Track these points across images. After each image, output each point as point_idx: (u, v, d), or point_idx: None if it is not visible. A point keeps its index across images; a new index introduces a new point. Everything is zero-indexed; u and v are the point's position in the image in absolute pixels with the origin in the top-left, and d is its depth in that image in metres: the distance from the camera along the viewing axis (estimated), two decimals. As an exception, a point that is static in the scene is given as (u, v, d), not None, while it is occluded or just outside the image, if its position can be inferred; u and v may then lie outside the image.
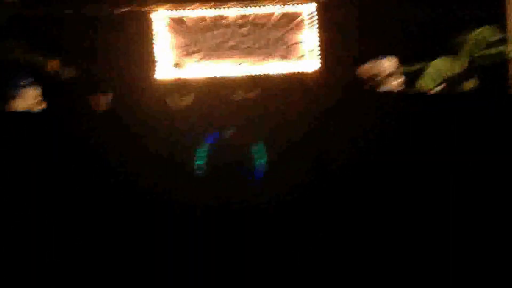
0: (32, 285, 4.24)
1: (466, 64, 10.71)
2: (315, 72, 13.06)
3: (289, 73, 13.13)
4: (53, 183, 4.48)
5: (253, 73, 13.12)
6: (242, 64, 13.21)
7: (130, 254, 4.39)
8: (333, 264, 4.25)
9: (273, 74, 13.08)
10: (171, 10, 13.17)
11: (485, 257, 4.00)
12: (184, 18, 13.23)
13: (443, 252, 4.06)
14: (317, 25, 13.12)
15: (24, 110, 9.96)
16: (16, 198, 4.39)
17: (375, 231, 4.28)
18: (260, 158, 4.76)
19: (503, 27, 10.59)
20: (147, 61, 13.07)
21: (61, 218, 4.40)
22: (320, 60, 13.10)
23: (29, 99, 10.25)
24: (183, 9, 13.20)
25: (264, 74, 13.08)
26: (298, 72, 13.14)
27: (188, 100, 11.80)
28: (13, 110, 9.80)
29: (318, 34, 13.13)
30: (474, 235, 4.03)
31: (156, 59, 13.14)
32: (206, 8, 13.19)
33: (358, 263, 4.23)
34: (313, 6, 13.11)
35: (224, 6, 13.17)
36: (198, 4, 13.14)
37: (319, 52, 13.12)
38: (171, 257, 4.36)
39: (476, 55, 10.62)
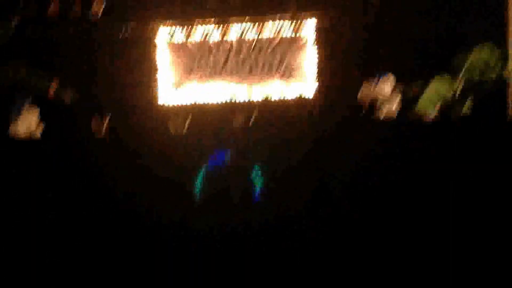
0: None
1: (464, 86, 10.70)
2: (314, 96, 13.08)
3: (289, 96, 13.15)
4: (53, 206, 4.49)
5: (253, 96, 13.14)
6: (242, 86, 13.23)
7: (129, 277, 4.40)
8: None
9: (273, 97, 13.09)
10: (173, 33, 13.22)
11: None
12: (185, 41, 13.28)
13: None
14: (317, 49, 13.17)
15: (25, 133, 10.04)
16: (16, 219, 4.41)
17: (371, 254, 4.28)
18: (258, 182, 4.78)
19: (503, 48, 10.57)
20: (149, 85, 13.09)
21: (61, 240, 4.42)
22: (319, 83, 13.12)
23: (29, 122, 10.30)
24: (185, 33, 13.25)
25: (264, 97, 13.09)
26: (298, 95, 13.16)
27: (188, 124, 11.85)
28: (14, 132, 9.88)
29: (317, 58, 13.17)
30: (468, 263, 4.04)
31: (157, 83, 13.17)
32: (207, 31, 13.25)
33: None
34: (313, 31, 13.17)
35: (225, 29, 13.22)
36: (200, 26, 13.19)
37: (319, 75, 13.14)
38: (170, 281, 4.37)
39: (475, 77, 10.61)
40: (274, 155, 4.85)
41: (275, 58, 13.27)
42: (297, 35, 13.23)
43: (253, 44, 13.25)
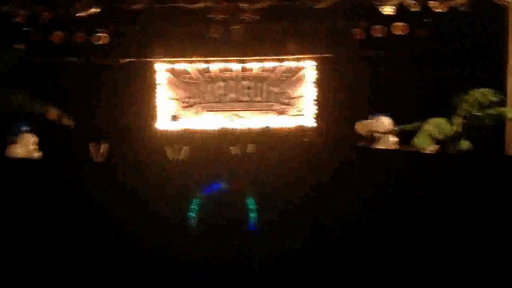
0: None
1: (461, 125, 10.73)
2: (313, 127, 13.13)
3: (287, 127, 13.20)
4: (49, 229, 4.46)
5: (252, 127, 13.18)
6: (241, 117, 13.28)
7: None
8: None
9: (272, 128, 13.13)
10: (174, 63, 13.29)
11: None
12: (187, 70, 13.34)
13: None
14: (316, 82, 13.25)
15: (22, 156, 10.03)
16: (13, 242, 4.39)
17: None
18: (254, 212, 4.75)
19: (501, 90, 10.63)
20: (148, 111, 13.14)
21: (57, 261, 4.41)
22: (318, 116, 13.18)
23: (28, 145, 10.30)
24: (187, 63, 13.32)
25: (263, 128, 13.13)
26: (297, 127, 13.20)
27: (186, 151, 11.84)
28: (12, 155, 9.86)
29: (317, 90, 13.24)
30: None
31: (157, 110, 13.21)
32: (209, 63, 13.34)
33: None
34: (313, 63, 13.26)
35: (227, 60, 13.32)
36: (201, 57, 13.28)
37: (318, 108, 13.21)
38: None
39: (472, 115, 10.63)
40: (271, 185, 4.83)
41: (274, 91, 13.35)
42: (295, 72, 13.34)
43: (252, 78, 13.34)
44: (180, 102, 13.33)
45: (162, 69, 13.30)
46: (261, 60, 13.37)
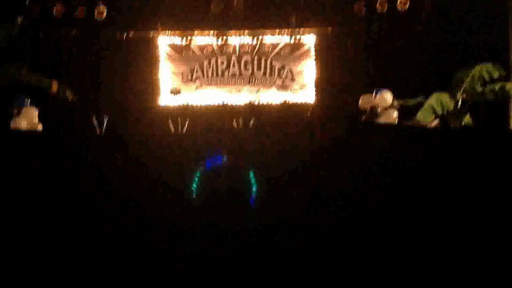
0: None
1: (464, 100, 10.71)
2: (314, 102, 13.07)
3: (289, 102, 13.14)
4: (50, 200, 4.47)
5: (253, 101, 13.13)
6: (242, 91, 13.23)
7: (122, 277, 4.38)
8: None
9: (272, 103, 13.09)
10: (176, 36, 13.21)
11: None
12: (189, 45, 13.27)
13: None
14: (318, 57, 13.17)
15: (26, 128, 10.04)
16: (13, 212, 4.40)
17: (370, 263, 4.27)
18: (253, 185, 4.75)
19: (505, 65, 10.57)
20: (150, 85, 13.08)
21: (57, 234, 4.42)
22: (320, 91, 13.12)
23: (30, 118, 10.31)
24: (188, 36, 13.24)
25: (263, 103, 13.09)
26: (298, 102, 13.15)
27: (188, 125, 11.84)
28: (15, 127, 9.88)
29: (319, 65, 13.16)
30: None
31: (159, 84, 13.15)
32: (210, 36, 13.25)
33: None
34: (314, 38, 13.17)
35: (228, 35, 13.24)
36: (203, 31, 13.20)
37: (319, 83, 13.14)
38: (162, 281, 4.36)
39: (475, 91, 10.61)
40: (271, 159, 4.81)
41: (275, 67, 13.29)
42: (297, 47, 13.27)
43: (254, 53, 13.28)
44: (181, 76, 13.27)
45: (163, 44, 13.21)
46: (262, 35, 13.28)
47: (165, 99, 13.03)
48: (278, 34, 13.22)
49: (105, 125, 11.49)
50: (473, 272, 3.98)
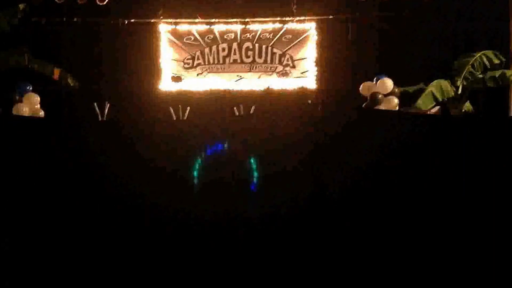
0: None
1: (464, 87, 10.72)
2: (315, 89, 13.08)
3: (290, 89, 13.16)
4: (52, 187, 4.49)
5: (253, 88, 13.15)
6: (242, 78, 13.24)
7: (125, 264, 4.39)
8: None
9: (273, 89, 13.10)
10: (177, 24, 13.20)
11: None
12: (189, 31, 13.27)
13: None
14: (318, 44, 13.16)
15: (28, 114, 10.07)
16: (16, 199, 4.42)
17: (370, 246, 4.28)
18: (254, 171, 4.76)
19: (505, 52, 10.58)
20: (151, 72, 13.08)
21: (61, 216, 4.45)
22: (320, 77, 13.12)
23: (33, 104, 10.34)
24: (190, 24, 13.24)
25: (264, 89, 13.10)
26: (299, 88, 13.15)
27: (188, 111, 11.84)
28: (17, 113, 9.90)
29: (319, 52, 13.16)
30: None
31: (160, 71, 13.16)
32: (212, 24, 13.26)
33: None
34: (315, 25, 13.16)
35: (230, 22, 13.24)
36: (205, 19, 13.19)
37: (320, 70, 13.15)
38: (164, 269, 4.37)
39: (475, 78, 10.62)
40: (272, 145, 4.81)
41: (276, 54, 13.30)
42: (298, 34, 13.27)
43: (255, 40, 13.28)
44: (182, 63, 13.27)
45: (165, 30, 13.20)
46: (263, 22, 13.28)
47: (166, 86, 13.05)
48: (279, 22, 13.22)
49: (106, 111, 11.48)
50: (474, 258, 3.96)
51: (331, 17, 13.00)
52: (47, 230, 4.42)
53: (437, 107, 10.54)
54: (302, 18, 13.16)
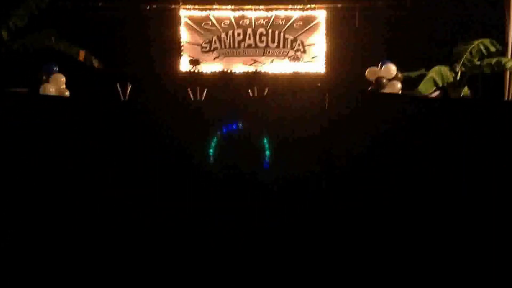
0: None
1: (463, 72, 10.78)
2: (324, 73, 13.18)
3: (301, 73, 13.26)
4: (75, 165, 4.54)
5: (267, 71, 13.27)
6: (256, 62, 13.34)
7: (142, 241, 4.34)
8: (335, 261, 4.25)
9: (285, 73, 13.20)
10: (195, 9, 13.30)
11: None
12: (207, 17, 13.36)
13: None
14: (328, 30, 13.24)
15: (54, 94, 10.14)
16: (40, 174, 4.49)
17: (376, 229, 4.26)
18: (267, 150, 4.82)
19: (501, 40, 10.60)
20: (171, 55, 13.20)
21: (78, 198, 4.45)
22: (329, 62, 13.22)
23: (59, 84, 10.45)
24: (207, 10, 13.34)
25: (277, 73, 13.21)
26: (309, 73, 13.26)
27: (205, 93, 11.95)
28: (44, 93, 9.98)
29: (329, 38, 13.25)
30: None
31: (179, 54, 13.29)
32: (228, 9, 13.35)
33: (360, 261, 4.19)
34: (325, 12, 13.24)
35: (245, 9, 13.33)
36: (221, 5, 13.29)
37: (329, 54, 13.23)
38: (178, 243, 4.35)
39: (474, 64, 10.68)
40: (284, 125, 4.88)
41: (288, 39, 13.39)
42: (309, 21, 13.34)
43: (268, 26, 13.37)
44: (200, 47, 13.40)
45: (184, 16, 13.31)
46: (276, 9, 13.37)
47: (185, 68, 13.19)
48: (291, 10, 13.31)
49: (128, 92, 11.61)
50: (475, 245, 3.92)
51: (339, 5, 13.11)
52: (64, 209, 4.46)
53: (437, 92, 10.62)
54: (313, 6, 13.27)
